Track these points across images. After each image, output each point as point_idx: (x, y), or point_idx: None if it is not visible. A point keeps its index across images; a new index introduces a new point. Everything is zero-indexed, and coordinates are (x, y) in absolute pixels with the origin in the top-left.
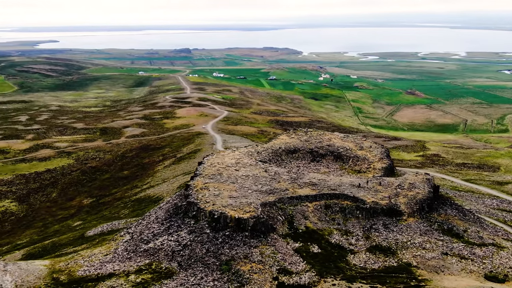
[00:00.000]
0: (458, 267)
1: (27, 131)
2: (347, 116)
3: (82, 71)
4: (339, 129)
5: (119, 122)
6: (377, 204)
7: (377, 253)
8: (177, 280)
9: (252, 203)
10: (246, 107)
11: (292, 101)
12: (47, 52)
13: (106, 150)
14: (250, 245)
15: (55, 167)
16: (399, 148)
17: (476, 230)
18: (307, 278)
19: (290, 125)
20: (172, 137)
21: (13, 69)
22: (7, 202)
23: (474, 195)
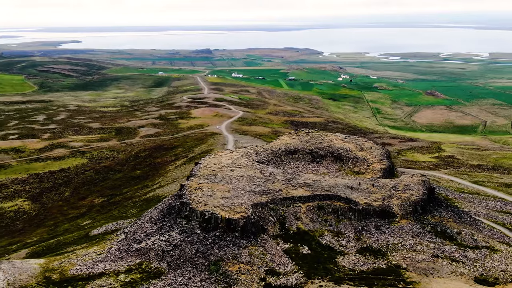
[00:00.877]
0: (448, 269)
1: (43, 130)
2: (365, 117)
3: (103, 71)
4: (354, 129)
5: (134, 122)
6: (369, 206)
7: (367, 255)
8: (165, 280)
9: (243, 203)
10: (262, 108)
11: (310, 102)
12: (69, 52)
13: (120, 149)
14: (240, 246)
15: (69, 166)
16: (413, 149)
17: (470, 233)
18: (294, 279)
19: (305, 125)
20: (185, 137)
21: (34, 69)
22: (20, 201)
23: (478, 197)
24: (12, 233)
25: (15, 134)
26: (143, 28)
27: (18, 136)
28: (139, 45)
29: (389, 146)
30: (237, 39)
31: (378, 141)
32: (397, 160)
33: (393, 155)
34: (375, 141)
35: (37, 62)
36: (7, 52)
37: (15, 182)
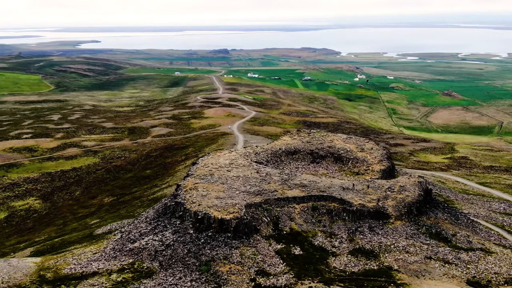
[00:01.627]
0: (440, 271)
1: (57, 130)
2: (381, 117)
3: (119, 71)
4: (367, 130)
5: (147, 121)
6: (364, 207)
7: (359, 256)
8: (156, 280)
9: (237, 204)
10: (276, 108)
11: (325, 102)
12: (88, 52)
13: (131, 149)
14: (231, 246)
15: (81, 165)
16: (426, 150)
17: (465, 235)
18: (284, 280)
19: (318, 126)
20: (197, 137)
21: (51, 68)
22: (32, 200)
23: (483, 199)
24: (22, 232)
25: (29, 133)
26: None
27: (31, 135)
28: (157, 45)
29: (402, 147)
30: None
31: (390, 142)
32: (408, 161)
33: (405, 156)
34: (388, 141)
35: (54, 62)
36: (25, 51)
37: (27, 181)
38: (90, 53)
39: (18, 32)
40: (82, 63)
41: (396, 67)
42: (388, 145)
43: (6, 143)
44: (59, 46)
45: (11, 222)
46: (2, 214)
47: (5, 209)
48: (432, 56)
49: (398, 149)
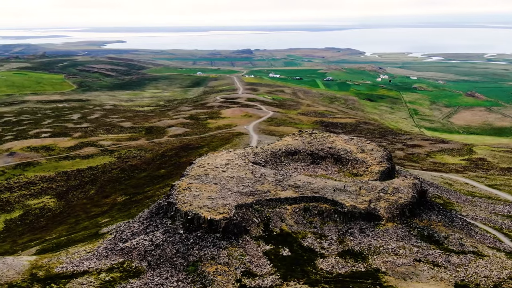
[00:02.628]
0: (428, 274)
1: (75, 129)
2: (402, 118)
3: (142, 71)
4: (385, 131)
5: (165, 121)
6: (355, 208)
7: (347, 258)
8: (143, 280)
9: (227, 204)
10: (294, 108)
11: (346, 102)
12: (113, 52)
13: (147, 148)
14: (220, 247)
15: (96, 164)
16: (444, 152)
17: (458, 237)
18: (269, 281)
19: (335, 126)
20: (212, 137)
21: (75, 68)
22: (46, 198)
23: (488, 201)
24: (35, 230)
25: (48, 132)
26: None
27: (50, 135)
28: (182, 46)
29: (419, 148)
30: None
31: (408, 143)
32: (424, 162)
33: (421, 157)
34: (405, 142)
35: (78, 62)
36: (50, 51)
37: (43, 180)
38: (115, 53)
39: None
40: (106, 63)
41: (421, 67)
42: (405, 146)
43: (24, 142)
44: (85, 46)
45: (25, 221)
46: (17, 212)
47: (20, 208)
48: (457, 56)
49: (415, 150)
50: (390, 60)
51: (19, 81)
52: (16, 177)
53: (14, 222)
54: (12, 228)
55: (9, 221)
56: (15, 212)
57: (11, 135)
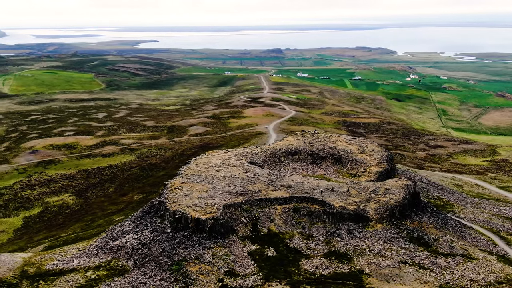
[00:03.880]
0: (412, 276)
1: (99, 128)
2: (429, 118)
3: (171, 71)
4: (409, 131)
5: (187, 120)
6: (344, 209)
7: (332, 259)
8: (127, 278)
9: (216, 204)
10: (318, 108)
11: (373, 102)
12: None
13: (167, 147)
14: (205, 246)
15: (117, 163)
16: (466, 153)
17: (449, 240)
18: (251, 282)
19: (358, 126)
20: (232, 137)
21: (105, 67)
22: (66, 196)
23: (494, 203)
24: (51, 227)
25: (72, 130)
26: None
27: (73, 133)
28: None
29: (441, 149)
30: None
31: (431, 144)
32: (445, 163)
33: (442, 157)
34: (428, 143)
35: (108, 61)
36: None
37: (63, 178)
38: (146, 53)
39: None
40: (135, 62)
41: (452, 67)
42: (428, 146)
43: (48, 140)
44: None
45: (44, 218)
46: (37, 209)
47: (40, 205)
48: (490, 56)
49: (437, 151)
50: (422, 59)
51: (49, 80)
52: (37, 174)
53: (33, 219)
54: (30, 225)
55: (28, 218)
56: (35, 209)
57: (35, 133)
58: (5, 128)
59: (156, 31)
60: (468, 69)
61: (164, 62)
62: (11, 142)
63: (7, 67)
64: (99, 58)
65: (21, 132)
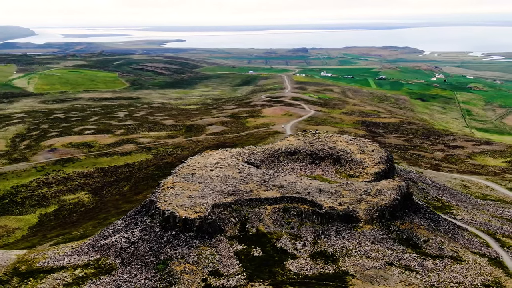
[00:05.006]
0: (397, 278)
1: (119, 126)
2: (453, 118)
3: (195, 70)
4: (429, 131)
5: (205, 120)
6: (333, 210)
7: (318, 260)
8: (113, 277)
9: (205, 203)
10: (339, 107)
11: (396, 102)
12: (171, 50)
13: (184, 146)
14: (191, 246)
15: (134, 161)
16: (486, 153)
17: (440, 241)
18: (234, 281)
19: (377, 126)
20: (248, 136)
21: (129, 66)
22: (82, 194)
23: (499, 205)
24: (65, 225)
25: (92, 129)
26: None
27: (93, 132)
28: (239, 44)
29: (460, 149)
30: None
31: (450, 144)
32: (462, 164)
33: (461, 158)
34: (448, 143)
35: (133, 60)
36: (109, 50)
37: (80, 176)
38: (173, 52)
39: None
40: (160, 61)
41: (479, 66)
42: (447, 147)
43: (67, 139)
44: (144, 45)
45: (59, 215)
46: (53, 207)
47: (56, 203)
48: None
49: (456, 151)
50: (449, 59)
51: (74, 79)
52: (55, 172)
53: (48, 216)
54: (45, 222)
55: (44, 215)
56: (50, 207)
57: (56, 131)
58: (26, 127)
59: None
60: (495, 68)
61: (188, 61)
62: (31, 140)
63: (33, 66)
64: (124, 57)
65: (42, 130)
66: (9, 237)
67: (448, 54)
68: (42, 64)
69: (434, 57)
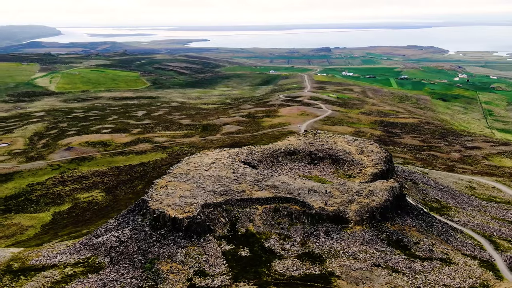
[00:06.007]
0: (383, 280)
1: (136, 125)
2: (474, 118)
3: (217, 69)
4: (447, 131)
5: (222, 119)
6: (323, 210)
7: (305, 260)
8: (101, 275)
9: (195, 203)
10: (357, 107)
11: (417, 102)
12: (194, 50)
13: (199, 146)
14: (179, 245)
15: (148, 160)
16: (503, 154)
17: (430, 243)
18: (219, 282)
19: (394, 126)
20: (262, 136)
21: (151, 66)
22: (96, 192)
23: (504, 206)
24: (78, 223)
25: (109, 128)
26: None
27: (110, 130)
28: (262, 44)
29: (477, 150)
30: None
31: (467, 145)
32: (478, 165)
33: (477, 159)
34: (465, 144)
35: (155, 60)
36: (132, 49)
37: (95, 174)
38: (196, 51)
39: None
40: (181, 61)
41: (504, 66)
42: (464, 148)
43: (84, 137)
44: (168, 45)
45: (72, 214)
46: (67, 205)
47: (70, 201)
48: None
49: (473, 152)
50: (473, 59)
51: (95, 78)
52: (71, 171)
53: (62, 214)
54: (58, 220)
55: (57, 213)
56: (65, 205)
57: (74, 130)
58: (46, 125)
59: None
60: None
61: (210, 61)
62: (49, 139)
63: (55, 65)
64: (146, 57)
65: (60, 129)
66: (22, 235)
67: (473, 54)
68: (65, 63)
69: (458, 57)
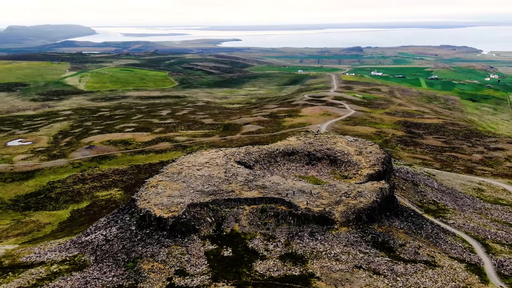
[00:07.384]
0: (363, 282)
1: (158, 124)
2: (503, 119)
3: (245, 69)
4: (471, 132)
5: (243, 119)
6: (309, 211)
7: (287, 261)
8: (84, 273)
9: (182, 202)
10: (382, 107)
11: (445, 102)
12: (226, 50)
13: (218, 145)
14: (162, 245)
15: (168, 159)
16: None
17: (417, 245)
18: (198, 281)
19: (418, 127)
20: (282, 135)
21: (180, 65)
22: (115, 191)
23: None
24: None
25: (132, 127)
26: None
27: (133, 129)
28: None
29: (500, 151)
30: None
31: (491, 146)
32: (499, 167)
33: (499, 161)
34: (488, 145)
35: (184, 59)
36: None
37: (115, 173)
38: (227, 51)
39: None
40: (210, 60)
41: None
42: (486, 149)
43: (106, 136)
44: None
45: (90, 211)
46: (85, 203)
47: (89, 199)
48: None
49: (495, 153)
50: (507, 59)
51: (124, 77)
52: (91, 169)
53: (79, 212)
54: (76, 218)
55: (76, 211)
56: (83, 203)
57: (98, 129)
58: (71, 124)
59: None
60: None
61: (239, 60)
62: (73, 137)
63: (86, 64)
64: (176, 57)
65: (85, 127)
66: (39, 232)
67: (507, 54)
68: (95, 62)
69: (491, 57)
